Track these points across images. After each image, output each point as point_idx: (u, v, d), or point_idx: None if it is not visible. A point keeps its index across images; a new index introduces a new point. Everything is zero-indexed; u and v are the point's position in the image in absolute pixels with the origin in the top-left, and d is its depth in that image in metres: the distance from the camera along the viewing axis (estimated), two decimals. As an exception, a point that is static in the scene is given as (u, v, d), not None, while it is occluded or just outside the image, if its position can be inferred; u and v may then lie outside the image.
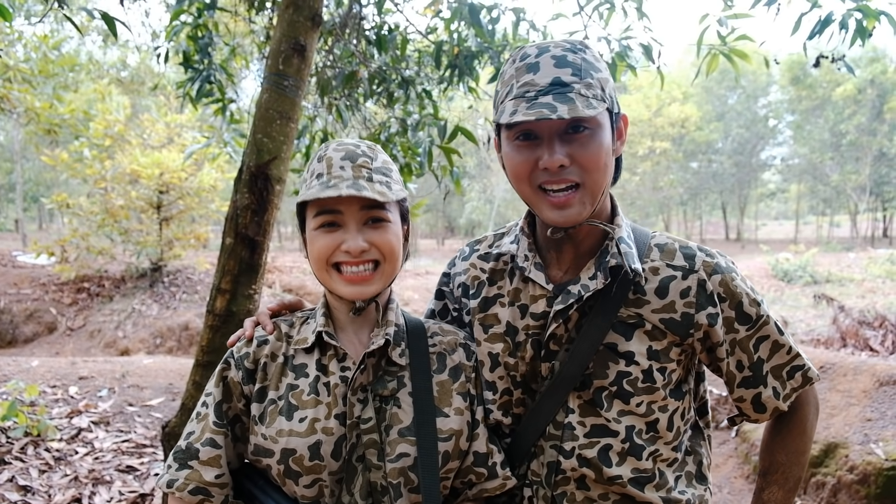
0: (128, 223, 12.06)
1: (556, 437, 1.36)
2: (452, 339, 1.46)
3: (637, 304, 1.33)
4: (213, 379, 1.37)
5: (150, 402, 5.41)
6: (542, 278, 1.38)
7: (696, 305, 1.31)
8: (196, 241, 12.90)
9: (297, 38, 2.96)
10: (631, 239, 1.36)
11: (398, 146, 4.86)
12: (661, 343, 1.33)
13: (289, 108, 2.96)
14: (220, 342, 2.85)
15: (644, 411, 1.33)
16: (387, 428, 1.31)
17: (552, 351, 1.36)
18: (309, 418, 1.29)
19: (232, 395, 1.35)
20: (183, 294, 12.52)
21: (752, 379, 1.37)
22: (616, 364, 1.32)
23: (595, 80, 1.23)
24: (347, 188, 1.25)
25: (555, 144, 1.23)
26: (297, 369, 1.35)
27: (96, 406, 5.14)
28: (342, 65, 4.64)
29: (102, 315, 11.86)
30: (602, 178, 1.26)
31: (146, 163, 11.49)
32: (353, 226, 1.30)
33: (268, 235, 2.96)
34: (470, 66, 4.48)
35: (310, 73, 3.20)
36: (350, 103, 4.98)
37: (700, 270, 1.33)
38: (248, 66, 5.86)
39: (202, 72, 4.50)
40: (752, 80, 38.84)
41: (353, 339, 1.39)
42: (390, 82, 4.71)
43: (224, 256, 2.91)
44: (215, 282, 2.91)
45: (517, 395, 1.41)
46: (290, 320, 1.44)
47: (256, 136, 2.93)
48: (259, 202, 2.89)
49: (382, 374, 1.35)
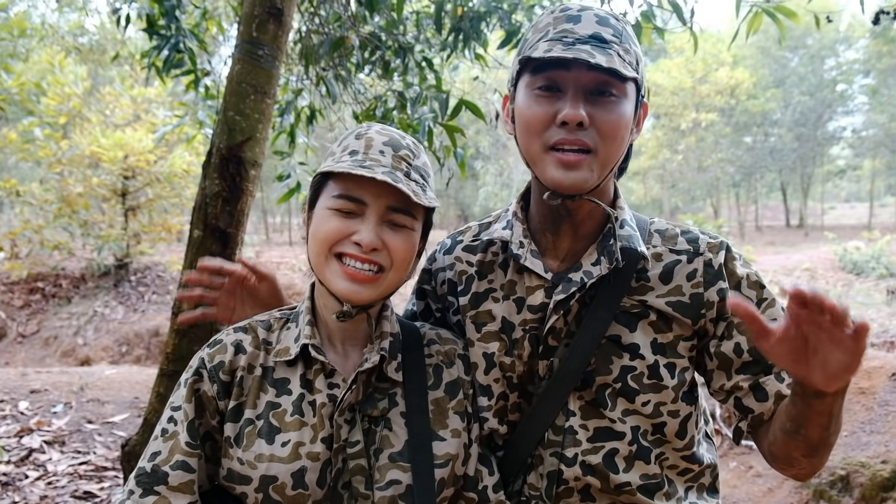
0: (88, 213, 12.12)
1: (557, 443, 1.40)
2: (451, 348, 1.48)
3: (641, 291, 1.39)
4: (183, 391, 1.34)
5: (112, 419, 5.49)
6: (539, 266, 1.42)
7: (704, 284, 1.39)
8: (167, 233, 12.97)
9: (272, 1, 3.01)
10: (633, 222, 1.44)
11: (396, 123, 4.91)
12: (667, 336, 1.38)
13: (264, 81, 3.02)
14: (187, 349, 2.92)
15: (650, 412, 1.38)
16: (376, 452, 1.33)
17: (551, 347, 1.41)
18: (292, 442, 1.30)
19: (205, 410, 1.34)
20: (152, 295, 12.64)
21: (752, 364, 1.38)
22: (620, 358, 1.37)
23: (632, 51, 1.32)
24: (383, 174, 1.26)
25: (579, 99, 1.29)
26: (279, 385, 1.35)
27: (50, 423, 5.22)
28: (329, 29, 4.68)
29: (59, 319, 11.98)
30: (616, 151, 1.33)
31: (108, 144, 11.54)
32: (374, 219, 1.30)
33: (241, 227, 3.02)
34: (477, 29, 4.52)
35: (291, 39, 3.26)
36: (340, 74, 5.03)
37: (705, 252, 1.41)
38: (223, 31, 5.91)
39: (169, 39, 4.56)
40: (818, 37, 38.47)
41: (341, 352, 1.40)
42: (385, 49, 4.75)
43: (191, 251, 2.97)
44: (182, 280, 2.98)
45: (513, 399, 1.46)
46: (267, 321, 1.43)
47: (228, 113, 2.99)
48: (231, 189, 2.95)
49: (373, 391, 1.37)
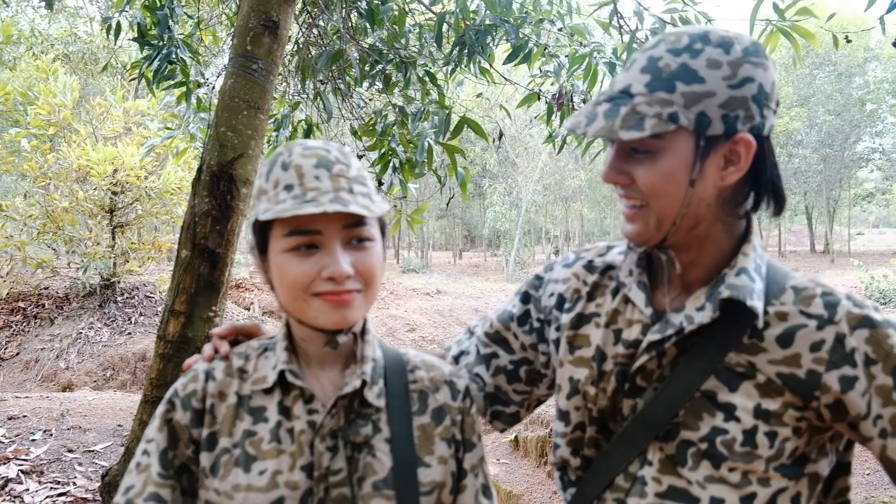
0: (74, 230, 12.14)
1: (623, 489, 1.37)
2: (437, 374, 1.49)
3: (751, 350, 1.30)
4: (156, 422, 1.37)
5: (93, 448, 5.50)
6: (641, 300, 1.40)
7: (827, 363, 1.25)
8: (157, 252, 12.99)
9: (268, 13, 3.06)
10: (758, 273, 1.34)
11: (397, 139, 4.95)
12: (775, 402, 1.28)
13: (258, 96, 3.06)
14: (172, 374, 2.94)
15: (738, 480, 1.29)
16: (359, 480, 1.34)
17: (638, 387, 1.37)
18: (270, 470, 1.31)
19: (179, 440, 1.36)
20: (140, 316, 12.65)
21: None
22: (712, 417, 1.29)
23: (678, 93, 1.24)
24: (331, 203, 1.24)
25: (617, 158, 1.31)
26: (255, 413, 1.36)
27: (28, 452, 5.23)
28: (327, 42, 4.75)
29: (41, 341, 11.99)
30: (669, 206, 1.29)
31: (98, 157, 11.57)
32: (337, 247, 1.30)
33: (231, 247, 3.05)
34: (482, 42, 4.57)
35: (288, 51, 3.30)
36: (338, 87, 5.09)
37: (841, 322, 1.26)
38: (218, 42, 5.98)
39: (161, 49, 4.61)
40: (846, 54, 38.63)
41: (320, 377, 1.41)
42: (386, 63, 4.80)
43: (179, 272, 3.00)
44: (168, 302, 3.01)
45: (591, 432, 1.44)
46: (244, 352, 1.45)
47: (219, 129, 3.02)
48: (221, 208, 2.98)
49: (355, 417, 1.38)
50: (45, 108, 11.78)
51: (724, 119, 1.25)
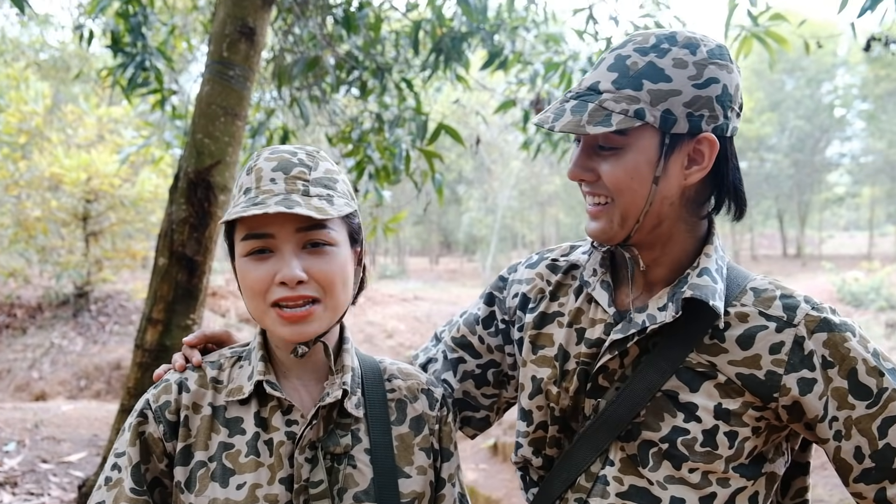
0: (46, 239, 12.04)
1: (585, 489, 1.37)
2: (413, 383, 1.48)
3: (712, 350, 1.31)
4: (127, 436, 1.33)
5: (68, 458, 5.43)
6: (605, 299, 1.40)
7: (786, 365, 1.27)
8: (131, 260, 12.91)
9: (244, 20, 3.05)
10: (720, 274, 1.36)
11: (373, 146, 4.95)
12: (735, 402, 1.29)
13: (235, 102, 3.06)
14: (150, 383, 2.91)
15: (697, 481, 1.30)
16: (340, 492, 1.33)
17: (600, 387, 1.38)
18: (248, 484, 1.29)
19: (151, 454, 1.34)
20: (114, 325, 12.54)
21: (874, 472, 1.27)
22: (673, 417, 1.30)
23: (645, 91, 1.26)
24: (276, 204, 1.24)
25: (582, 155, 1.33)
26: (231, 424, 1.34)
27: (1, 463, 5.16)
28: (304, 49, 4.74)
29: (13, 351, 11.86)
30: (633, 203, 1.30)
31: (70, 165, 11.51)
32: (289, 250, 1.29)
33: (209, 254, 3.04)
34: (458, 49, 4.59)
35: (264, 58, 3.30)
36: (315, 94, 5.09)
37: (800, 325, 1.28)
38: (192, 49, 5.96)
39: (135, 56, 4.59)
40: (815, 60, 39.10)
41: (298, 387, 1.39)
42: (363, 70, 4.80)
43: (156, 280, 2.98)
44: (145, 310, 2.99)
45: (552, 432, 1.44)
46: (217, 361, 1.43)
47: (196, 136, 3.02)
48: (198, 215, 2.97)
49: (334, 427, 1.37)
50: (16, 116, 11.72)
51: (688, 118, 1.27)
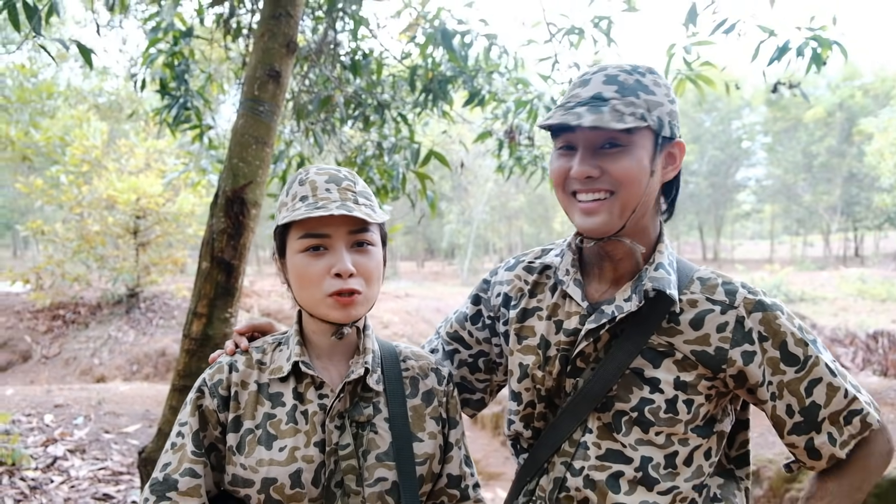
0: (104, 249, 11.95)
1: (569, 453, 1.36)
2: (424, 363, 1.47)
3: (669, 333, 1.31)
4: (188, 408, 1.35)
5: (126, 430, 5.36)
6: (578, 294, 1.38)
7: (731, 341, 1.28)
8: (173, 265, 12.82)
9: (272, 65, 3.01)
10: (672, 267, 1.36)
11: (374, 169, 4.93)
12: (690, 374, 1.30)
13: (264, 132, 3.01)
14: (196, 366, 2.86)
15: (662, 442, 1.30)
16: (364, 453, 1.32)
17: (578, 368, 1.37)
18: (289, 447, 1.29)
19: (208, 423, 1.34)
20: (160, 320, 12.41)
21: (803, 425, 1.30)
22: (640, 390, 1.30)
23: (642, 100, 1.25)
24: (338, 208, 1.25)
25: (586, 156, 1.27)
26: (273, 398, 1.34)
27: (72, 434, 5.08)
28: (318, 90, 4.70)
29: (78, 342, 11.71)
30: (634, 193, 1.28)
31: (123, 188, 11.43)
32: (342, 248, 1.29)
33: (243, 259, 2.99)
34: (444, 90, 4.57)
35: (285, 98, 3.26)
36: (326, 127, 5.05)
37: (740, 307, 1.30)
38: (225, 92, 5.91)
39: (179, 98, 4.54)
40: (727, 102, 39.55)
41: (329, 366, 1.39)
42: (366, 106, 4.78)
43: (200, 280, 2.93)
44: (191, 306, 2.93)
45: (539, 408, 1.42)
46: (262, 346, 1.42)
47: (232, 160, 2.97)
48: (235, 226, 2.92)
49: (358, 400, 1.36)
50: (80, 149, 11.67)
51: (670, 125, 1.29)
